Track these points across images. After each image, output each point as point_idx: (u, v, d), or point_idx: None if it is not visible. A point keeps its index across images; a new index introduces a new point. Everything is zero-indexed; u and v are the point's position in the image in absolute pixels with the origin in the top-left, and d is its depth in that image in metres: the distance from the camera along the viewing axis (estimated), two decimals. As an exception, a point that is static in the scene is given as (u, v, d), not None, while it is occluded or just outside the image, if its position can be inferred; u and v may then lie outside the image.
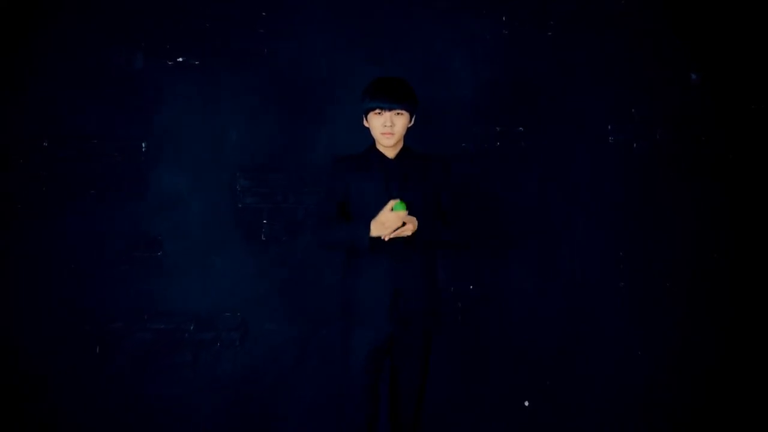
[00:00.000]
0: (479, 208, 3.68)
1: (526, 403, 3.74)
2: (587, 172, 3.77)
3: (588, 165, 3.77)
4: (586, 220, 3.76)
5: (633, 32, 3.78)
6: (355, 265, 2.87)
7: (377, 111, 2.79)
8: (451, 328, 3.66)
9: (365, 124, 2.88)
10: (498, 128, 3.67)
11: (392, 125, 2.79)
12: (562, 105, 3.75)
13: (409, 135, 2.93)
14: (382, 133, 2.80)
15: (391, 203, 2.70)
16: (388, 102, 2.77)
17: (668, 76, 3.79)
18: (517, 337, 3.73)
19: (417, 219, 2.76)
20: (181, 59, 3.48)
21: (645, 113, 3.81)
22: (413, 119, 2.88)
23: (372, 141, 2.93)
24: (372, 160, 2.88)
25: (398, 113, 2.80)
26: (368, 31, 3.61)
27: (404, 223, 2.72)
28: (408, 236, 2.76)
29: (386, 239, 2.74)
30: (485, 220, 3.70)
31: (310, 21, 3.57)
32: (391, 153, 2.88)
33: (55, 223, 3.39)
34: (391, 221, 2.69)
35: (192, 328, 3.50)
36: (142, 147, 3.46)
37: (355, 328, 2.86)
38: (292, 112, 3.56)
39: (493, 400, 3.72)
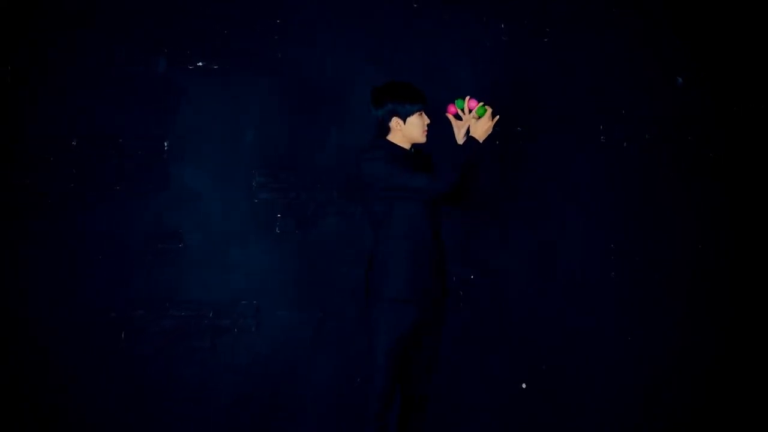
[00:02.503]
0: (478, 208, 3.72)
1: (524, 386, 3.77)
2: (587, 172, 3.76)
3: (587, 165, 3.76)
4: (586, 220, 3.75)
5: (632, 32, 3.75)
6: (394, 240, 2.92)
7: (420, 112, 2.94)
8: (450, 328, 3.64)
9: (394, 125, 2.94)
10: (498, 128, 3.66)
11: None
12: (561, 105, 3.75)
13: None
14: (425, 131, 2.96)
15: (472, 111, 2.96)
16: (426, 102, 2.96)
17: (667, 75, 3.75)
18: (516, 336, 3.75)
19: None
20: (200, 64, 3.61)
21: (644, 113, 3.77)
22: None
23: (378, 136, 3.00)
24: (397, 153, 2.95)
25: None
26: (369, 32, 3.70)
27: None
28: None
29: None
30: (485, 219, 3.75)
31: (315, 25, 3.66)
32: (407, 146, 3.00)
33: (83, 218, 3.53)
34: (488, 126, 2.95)
35: (210, 315, 3.62)
36: (164, 146, 3.59)
37: (392, 307, 2.88)
38: (303, 112, 3.66)
39: (492, 400, 3.76)
